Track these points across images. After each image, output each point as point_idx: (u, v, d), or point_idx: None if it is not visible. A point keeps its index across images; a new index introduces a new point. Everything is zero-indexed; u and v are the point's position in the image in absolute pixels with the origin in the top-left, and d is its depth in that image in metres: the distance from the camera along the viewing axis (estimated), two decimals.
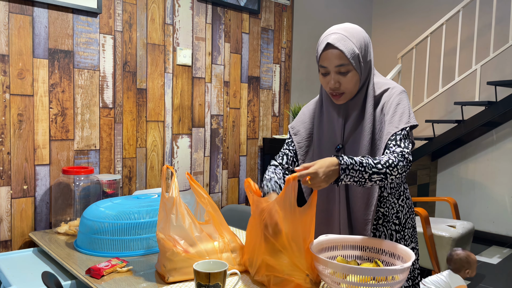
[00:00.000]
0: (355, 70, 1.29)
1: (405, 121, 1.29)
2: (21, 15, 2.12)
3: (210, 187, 3.02)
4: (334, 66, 1.28)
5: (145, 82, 2.62)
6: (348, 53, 1.26)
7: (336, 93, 1.32)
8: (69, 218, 2.09)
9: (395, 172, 1.21)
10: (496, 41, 3.95)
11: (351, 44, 1.27)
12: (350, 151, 1.37)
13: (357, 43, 1.29)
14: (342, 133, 1.38)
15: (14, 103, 2.12)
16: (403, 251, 1.21)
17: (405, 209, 1.44)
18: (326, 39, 1.29)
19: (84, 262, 1.56)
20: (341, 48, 1.26)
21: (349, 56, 1.26)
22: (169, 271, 1.31)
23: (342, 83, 1.30)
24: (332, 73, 1.30)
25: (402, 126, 1.28)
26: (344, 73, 1.29)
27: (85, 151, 2.38)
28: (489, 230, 4.30)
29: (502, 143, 4.19)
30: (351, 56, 1.27)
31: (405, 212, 1.43)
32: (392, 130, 1.29)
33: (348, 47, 1.26)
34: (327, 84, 1.32)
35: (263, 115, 3.35)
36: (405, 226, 1.43)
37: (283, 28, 3.47)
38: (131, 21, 2.53)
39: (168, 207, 1.33)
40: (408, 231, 1.44)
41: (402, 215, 1.42)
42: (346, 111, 1.38)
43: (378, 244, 1.28)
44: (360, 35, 1.31)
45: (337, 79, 1.30)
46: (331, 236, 1.31)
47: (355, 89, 1.33)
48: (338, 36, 1.27)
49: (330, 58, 1.28)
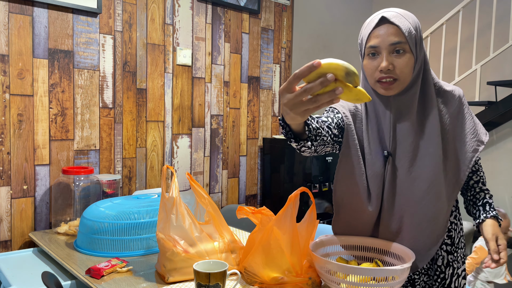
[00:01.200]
0: (411, 53, 1.10)
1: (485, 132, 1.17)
2: (21, 15, 2.12)
3: (210, 187, 3.02)
4: (388, 44, 1.08)
5: (145, 82, 2.62)
6: (406, 30, 1.08)
7: (388, 78, 1.10)
8: (69, 218, 2.09)
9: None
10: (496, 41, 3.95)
11: (408, 23, 1.10)
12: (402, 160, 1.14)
13: (413, 24, 1.11)
14: (390, 136, 1.16)
15: (14, 103, 2.12)
16: (403, 251, 1.20)
17: (458, 227, 1.30)
18: (379, 15, 1.11)
19: (84, 262, 1.56)
20: (398, 24, 1.08)
21: (407, 34, 1.08)
22: (169, 271, 1.31)
23: (396, 65, 1.09)
24: (385, 53, 1.09)
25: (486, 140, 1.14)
26: (400, 53, 1.09)
27: (85, 151, 2.38)
28: None
29: (502, 143, 4.19)
30: (409, 35, 1.08)
31: (458, 231, 1.30)
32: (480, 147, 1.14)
33: (405, 25, 1.09)
34: (377, 67, 1.10)
35: (263, 115, 3.35)
36: (458, 246, 1.30)
37: (283, 28, 3.47)
38: (131, 21, 2.53)
39: (168, 207, 1.33)
40: (461, 252, 1.31)
41: (455, 234, 1.29)
42: (397, 108, 1.15)
43: (378, 244, 1.28)
44: (415, 19, 1.14)
45: (390, 60, 1.09)
46: (331, 236, 1.31)
47: (408, 78, 1.11)
48: (393, 14, 1.10)
49: (384, 35, 1.08)
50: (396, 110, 1.15)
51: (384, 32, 1.09)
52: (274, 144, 3.24)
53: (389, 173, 1.16)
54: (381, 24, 1.10)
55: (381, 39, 1.09)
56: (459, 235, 1.31)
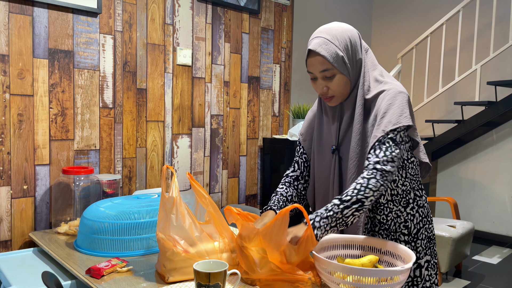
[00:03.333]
0: (341, 73, 1.27)
1: (394, 122, 1.22)
2: (21, 15, 2.12)
3: (210, 187, 3.02)
4: (318, 72, 1.28)
5: (145, 82, 2.62)
6: (331, 57, 1.24)
7: (326, 96, 1.32)
8: (69, 218, 2.09)
9: (369, 193, 1.17)
10: (496, 41, 3.95)
11: (333, 47, 1.25)
12: (345, 153, 1.36)
13: (341, 44, 1.26)
14: (337, 134, 1.37)
15: (14, 103, 2.12)
16: (404, 251, 1.20)
17: (417, 219, 1.35)
18: (309, 44, 1.28)
19: (84, 262, 1.56)
20: (323, 54, 1.24)
21: (332, 60, 1.25)
22: (169, 271, 1.31)
23: (330, 87, 1.29)
24: (319, 79, 1.30)
25: (389, 128, 1.22)
26: (330, 77, 1.28)
27: (85, 151, 2.38)
28: (489, 230, 4.30)
29: (502, 143, 4.19)
30: (334, 60, 1.25)
31: (416, 222, 1.35)
32: (379, 134, 1.24)
33: (330, 51, 1.25)
34: (317, 89, 1.33)
35: (263, 115, 3.35)
36: (417, 237, 1.35)
37: (283, 28, 3.47)
38: (131, 21, 2.53)
39: (168, 207, 1.33)
40: (422, 242, 1.36)
41: (412, 224, 1.34)
42: (341, 112, 1.36)
43: (379, 244, 1.28)
44: (344, 35, 1.28)
45: (324, 84, 1.29)
46: (331, 235, 1.31)
47: (346, 91, 1.31)
48: (319, 41, 1.26)
49: (314, 64, 1.27)
50: (340, 112, 1.36)
51: (314, 62, 1.27)
52: (274, 144, 3.24)
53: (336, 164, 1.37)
54: (311, 55, 1.28)
55: (313, 67, 1.29)
56: (418, 226, 1.36)
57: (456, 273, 3.37)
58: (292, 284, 1.19)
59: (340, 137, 1.37)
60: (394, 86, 1.30)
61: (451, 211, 3.56)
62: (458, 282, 3.19)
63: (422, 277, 1.36)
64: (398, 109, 1.24)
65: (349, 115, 1.34)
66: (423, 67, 4.46)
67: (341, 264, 1.09)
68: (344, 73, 1.27)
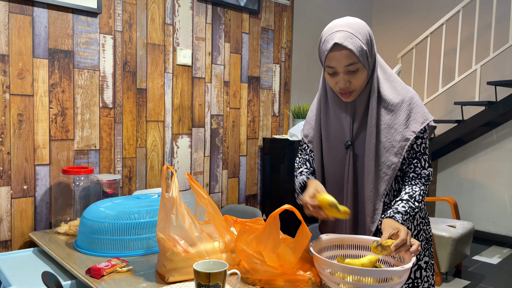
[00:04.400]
0: (364, 67, 1.24)
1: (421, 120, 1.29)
2: (21, 15, 2.12)
3: (210, 187, 3.02)
4: (343, 66, 1.22)
5: (145, 82, 2.62)
6: (357, 51, 1.20)
7: (346, 91, 1.28)
8: (69, 218, 2.09)
9: (424, 199, 1.30)
10: (496, 41, 3.95)
11: (358, 41, 1.21)
12: (359, 148, 1.34)
13: (363, 38, 1.23)
14: (351, 129, 1.34)
15: (14, 103, 2.12)
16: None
17: (417, 220, 1.37)
18: (332, 38, 1.21)
19: (84, 262, 1.56)
20: (350, 47, 1.19)
21: (358, 54, 1.20)
22: (169, 271, 1.31)
23: (352, 81, 1.25)
24: (341, 73, 1.24)
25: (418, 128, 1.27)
26: (354, 71, 1.24)
27: (85, 151, 2.38)
28: (489, 230, 4.30)
29: (502, 143, 4.19)
30: (360, 54, 1.21)
31: (416, 224, 1.37)
32: (410, 136, 1.27)
33: (356, 45, 1.20)
34: (336, 84, 1.27)
35: (263, 115, 3.35)
36: (417, 238, 1.36)
37: (283, 28, 3.47)
38: (131, 21, 2.53)
39: (168, 207, 1.33)
40: (421, 244, 1.37)
41: (412, 226, 1.36)
42: (354, 107, 1.33)
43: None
44: (364, 29, 1.25)
45: (347, 78, 1.24)
46: (331, 235, 1.31)
47: (364, 85, 1.29)
48: (344, 34, 1.20)
49: (339, 58, 1.21)
50: (353, 108, 1.33)
51: (338, 56, 1.21)
52: (274, 144, 3.24)
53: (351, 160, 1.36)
54: (335, 49, 1.21)
55: (336, 62, 1.22)
56: (418, 227, 1.38)
57: (456, 273, 3.37)
58: (292, 284, 1.19)
59: (354, 132, 1.34)
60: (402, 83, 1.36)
61: (451, 211, 3.56)
62: (458, 282, 3.19)
63: (422, 278, 1.36)
64: (421, 106, 1.31)
65: (363, 110, 1.32)
66: (423, 67, 4.46)
67: (341, 264, 1.09)
68: (366, 67, 1.25)
